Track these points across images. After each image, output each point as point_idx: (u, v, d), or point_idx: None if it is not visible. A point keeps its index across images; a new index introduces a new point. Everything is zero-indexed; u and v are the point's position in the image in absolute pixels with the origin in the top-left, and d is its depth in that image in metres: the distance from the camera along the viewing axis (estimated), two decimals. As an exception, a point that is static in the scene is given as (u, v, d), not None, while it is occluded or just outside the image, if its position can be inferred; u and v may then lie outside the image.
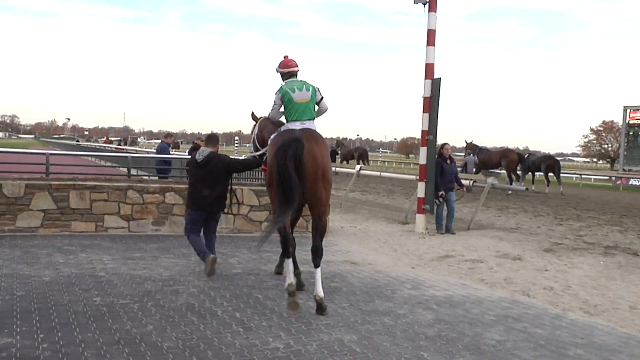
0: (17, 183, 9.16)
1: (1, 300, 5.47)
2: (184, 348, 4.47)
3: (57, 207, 9.25)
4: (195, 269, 7.21)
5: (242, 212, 10.16)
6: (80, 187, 9.38)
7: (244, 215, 10.20)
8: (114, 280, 6.45)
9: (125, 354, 4.27)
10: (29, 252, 7.75)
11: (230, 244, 8.48)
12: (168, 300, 5.76)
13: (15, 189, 9.08)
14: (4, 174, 10.47)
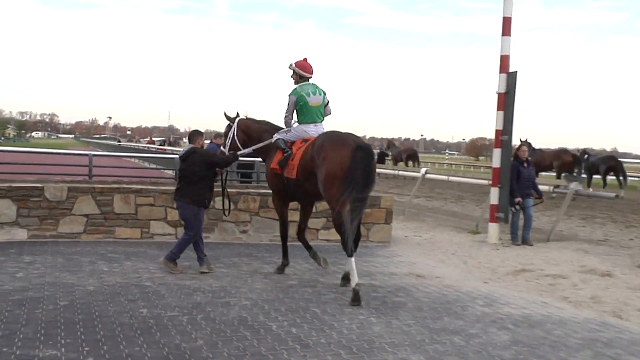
0: (59, 186, 9.54)
1: (45, 310, 5.71)
2: (237, 365, 4.55)
3: (101, 212, 9.58)
4: (248, 280, 7.34)
5: (296, 219, 10.22)
6: (125, 190, 9.68)
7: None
8: (161, 291, 6.63)
9: (176, 369, 4.38)
10: (71, 259, 8.06)
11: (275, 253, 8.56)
12: (219, 313, 5.88)
13: (58, 192, 9.46)
14: (46, 176, 10.94)
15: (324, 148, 7.00)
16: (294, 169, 7.41)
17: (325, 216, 10.34)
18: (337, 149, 6.91)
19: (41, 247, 8.69)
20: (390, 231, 10.99)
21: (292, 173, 7.44)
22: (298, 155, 7.46)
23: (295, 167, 7.40)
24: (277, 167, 7.70)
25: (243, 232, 10.24)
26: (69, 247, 8.83)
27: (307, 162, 7.25)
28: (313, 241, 10.21)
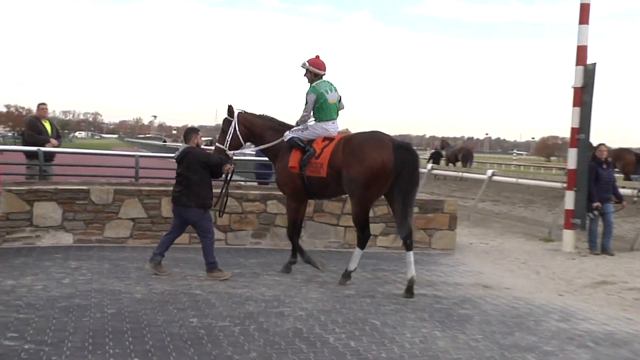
0: (105, 189, 9.80)
1: (92, 318, 5.87)
2: (293, 380, 4.57)
3: (148, 216, 9.78)
4: (302, 289, 7.38)
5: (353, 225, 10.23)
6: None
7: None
8: (211, 300, 6.72)
9: (228, 383, 4.43)
10: (118, 265, 8.26)
11: (340, 261, 8.58)
12: (272, 324, 5.93)
13: (104, 195, 9.71)
14: (91, 178, 11.24)
15: (361, 147, 7.51)
16: (323, 168, 7.71)
17: (384, 221, 10.33)
18: (377, 148, 7.44)
19: (87, 252, 8.94)
20: (454, 238, 10.88)
21: (320, 172, 7.73)
22: (326, 153, 7.76)
23: (325, 166, 7.70)
24: (295, 166, 7.91)
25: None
26: (115, 253, 9.05)
27: (338, 161, 7.62)
28: (371, 248, 10.20)
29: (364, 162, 7.40)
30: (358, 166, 7.42)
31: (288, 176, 8.08)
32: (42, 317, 5.77)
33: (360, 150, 7.51)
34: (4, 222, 9.07)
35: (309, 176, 7.85)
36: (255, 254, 9.43)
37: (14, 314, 5.82)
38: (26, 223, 9.24)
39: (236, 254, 9.37)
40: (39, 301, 6.31)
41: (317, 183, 7.87)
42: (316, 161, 7.81)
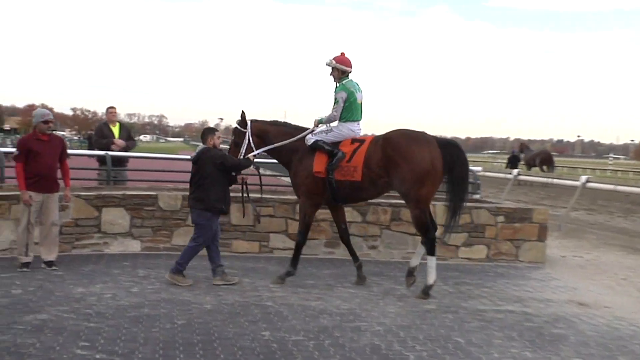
0: (173, 194, 10.05)
1: (162, 328, 6.04)
2: (372, 399, 4.59)
3: (217, 224, 9.96)
4: (379, 302, 7.39)
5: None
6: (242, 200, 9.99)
7: (437, 237, 10.18)
8: (283, 312, 6.81)
9: (304, 401, 4.48)
10: (187, 274, 8.42)
11: (419, 273, 8.51)
12: (348, 339, 5.96)
13: (172, 201, 9.96)
14: (158, 183, 11.54)
15: (405, 146, 7.67)
16: (357, 171, 7.82)
17: (467, 231, 10.23)
18: (423, 145, 7.67)
19: (155, 260, 9.18)
20: (544, 250, 10.66)
21: (354, 175, 7.84)
22: (359, 156, 7.87)
23: (359, 169, 7.81)
24: (322, 171, 7.98)
25: (372, 247, 10.31)
26: (183, 261, 9.25)
27: (375, 163, 7.76)
28: (452, 259, 10.14)
29: (412, 161, 7.57)
30: (406, 165, 7.58)
31: (311, 181, 8.12)
32: (112, 327, 5.99)
33: (406, 148, 7.66)
34: (72, 228, 9.44)
35: (339, 180, 7.93)
36: (329, 265, 9.49)
37: (85, 323, 6.07)
38: (94, 229, 9.58)
39: (308, 264, 9.43)
40: (108, 310, 6.55)
41: (350, 187, 7.94)
42: (348, 165, 7.89)
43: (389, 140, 7.84)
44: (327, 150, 8.02)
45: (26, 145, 8.30)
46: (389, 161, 7.72)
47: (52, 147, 8.41)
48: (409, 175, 7.58)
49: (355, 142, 8.08)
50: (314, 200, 8.22)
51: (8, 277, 7.79)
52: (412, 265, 8.06)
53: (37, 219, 8.33)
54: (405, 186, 7.65)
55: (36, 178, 8.18)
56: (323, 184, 8.04)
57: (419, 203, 7.67)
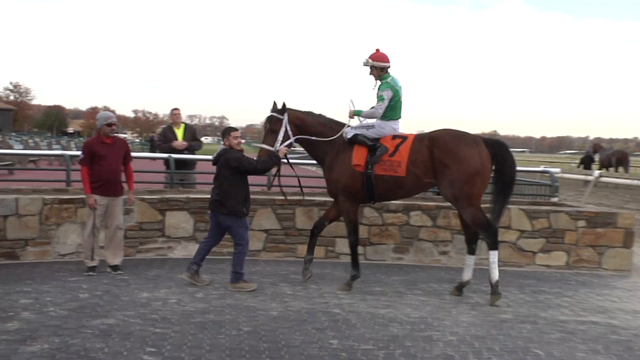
0: (240, 197, 10.20)
1: (228, 335, 6.14)
2: (446, 412, 4.57)
3: (282, 227, 10.10)
4: (452, 311, 7.35)
5: (508, 239, 10.06)
6: (307, 203, 10.10)
7: (512, 243, 10.11)
8: (351, 320, 6.84)
9: (375, 412, 4.50)
10: (251, 279, 8.54)
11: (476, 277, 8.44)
12: (420, 349, 5.95)
13: (236, 204, 10.12)
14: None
15: (454, 145, 7.79)
16: (401, 166, 7.89)
17: (544, 236, 10.10)
18: (471, 144, 7.81)
19: (219, 265, 9.32)
20: (630, 257, 10.42)
21: (397, 170, 7.91)
22: (403, 151, 7.94)
23: (404, 164, 7.88)
24: (361, 164, 8.02)
25: (443, 253, 10.26)
26: (247, 266, 9.31)
27: (421, 161, 7.85)
28: (529, 266, 10.01)
29: (462, 161, 7.70)
30: (456, 166, 7.70)
31: (349, 175, 8.11)
32: (178, 333, 6.13)
33: (455, 149, 7.78)
34: (137, 232, 9.71)
35: (379, 175, 7.96)
36: (398, 271, 9.48)
37: (151, 328, 6.23)
38: (158, 233, 9.83)
39: (376, 270, 9.48)
40: (174, 315, 6.71)
41: (390, 182, 7.99)
42: (391, 159, 7.93)
43: (435, 141, 7.89)
44: (368, 145, 8.05)
45: (91, 149, 8.54)
46: (436, 162, 7.81)
47: (116, 150, 8.65)
48: (459, 176, 7.69)
49: (397, 138, 8.13)
50: (354, 198, 8.22)
51: (75, 280, 8.08)
52: (464, 279, 8.19)
53: (102, 222, 8.58)
54: (456, 187, 7.73)
55: (101, 182, 8.42)
56: (361, 178, 8.06)
57: (472, 200, 7.77)
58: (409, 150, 7.92)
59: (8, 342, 5.68)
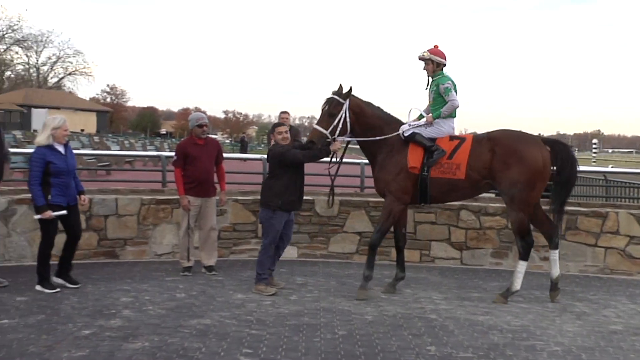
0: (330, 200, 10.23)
1: (323, 339, 6.17)
2: None
3: (375, 230, 10.05)
4: (555, 319, 7.16)
5: (616, 245, 9.73)
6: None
7: (620, 249, 9.78)
8: (449, 326, 6.76)
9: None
10: (345, 283, 8.61)
11: (601, 289, 8.22)
12: (522, 358, 5.82)
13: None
14: (315, 187, 11.80)
15: (517, 146, 7.74)
16: (460, 170, 7.77)
17: None
18: (533, 146, 7.80)
19: (312, 267, 9.42)
20: None
21: (456, 173, 7.78)
22: (462, 154, 7.82)
23: (463, 167, 7.76)
24: (417, 167, 7.84)
25: (545, 259, 9.98)
26: (341, 269, 9.45)
27: (481, 163, 7.75)
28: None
29: (524, 162, 7.65)
30: (518, 167, 7.64)
31: (403, 177, 7.90)
32: (274, 335, 6.20)
33: (518, 149, 7.73)
34: (230, 233, 9.91)
35: (435, 178, 7.81)
36: (496, 276, 9.32)
37: (247, 329, 6.33)
38: (252, 234, 9.98)
39: (473, 275, 9.37)
40: (268, 317, 6.80)
41: (447, 185, 7.86)
42: (449, 162, 7.79)
43: (497, 141, 7.81)
44: (425, 146, 7.88)
45: (184, 150, 8.74)
46: (497, 163, 7.71)
47: (208, 150, 8.81)
48: (521, 177, 7.64)
49: (454, 140, 7.98)
50: (403, 200, 8.01)
51: (172, 281, 8.31)
52: (553, 276, 8.10)
53: (196, 223, 8.76)
54: (517, 188, 7.66)
55: (194, 183, 8.61)
56: (415, 181, 7.89)
57: (524, 205, 7.75)
58: (469, 153, 7.81)
59: (112, 339, 5.92)
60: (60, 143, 7.59)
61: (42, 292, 7.59)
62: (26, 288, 7.71)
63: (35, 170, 7.40)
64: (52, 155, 7.47)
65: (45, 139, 7.51)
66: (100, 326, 6.32)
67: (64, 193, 7.57)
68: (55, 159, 7.46)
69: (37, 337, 5.94)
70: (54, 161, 7.44)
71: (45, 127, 7.62)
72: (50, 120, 7.69)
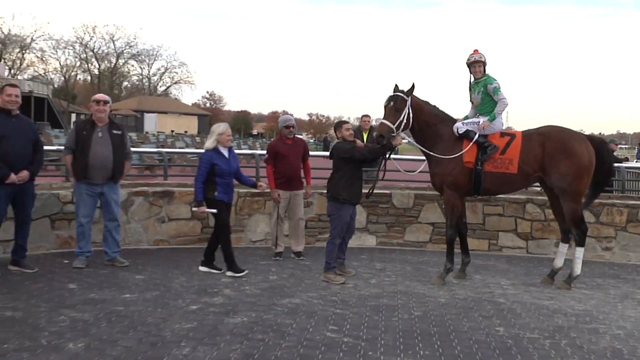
0: (406, 193, 10.23)
1: (401, 319, 6.16)
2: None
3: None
4: (617, 305, 6.96)
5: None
6: (471, 199, 9.88)
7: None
8: (516, 309, 6.65)
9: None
10: (419, 268, 8.57)
11: None
12: (586, 341, 5.68)
13: (404, 199, 10.15)
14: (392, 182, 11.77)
15: (567, 142, 7.65)
16: (512, 164, 7.65)
17: None
18: (581, 143, 7.71)
19: (389, 254, 9.41)
20: None
21: (509, 168, 7.66)
22: (514, 149, 7.69)
23: (515, 162, 7.64)
24: (472, 162, 7.69)
25: (606, 249, 9.75)
26: (415, 256, 9.41)
27: (532, 158, 7.64)
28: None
29: (573, 158, 7.58)
30: (568, 162, 7.57)
31: (459, 171, 7.72)
32: (356, 314, 6.23)
33: (567, 145, 7.65)
34: (316, 222, 9.99)
35: (488, 172, 7.65)
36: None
37: (332, 309, 6.38)
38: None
39: (539, 264, 9.18)
40: (351, 298, 6.83)
41: (500, 179, 7.73)
42: (502, 157, 7.65)
43: (547, 137, 7.69)
44: (479, 142, 7.70)
45: (274, 149, 8.85)
46: (547, 157, 7.59)
47: (296, 149, 8.89)
48: (570, 170, 7.56)
49: (505, 136, 7.82)
50: (460, 192, 7.87)
51: (265, 264, 8.43)
52: (556, 266, 8.06)
53: (285, 214, 8.86)
54: (567, 181, 7.59)
55: (283, 178, 8.70)
56: (470, 174, 7.73)
57: (576, 196, 7.68)
58: (520, 148, 7.67)
59: (215, 314, 6.07)
60: (224, 147, 7.81)
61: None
62: (143, 268, 7.98)
63: (201, 169, 7.67)
64: (217, 158, 7.69)
65: (211, 144, 7.78)
66: (205, 302, 6.47)
67: (226, 192, 7.79)
68: (219, 161, 7.68)
69: (153, 310, 6.14)
70: (218, 163, 7.65)
71: (212, 133, 7.89)
72: (215, 127, 7.98)
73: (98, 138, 7.83)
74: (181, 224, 9.67)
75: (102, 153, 7.81)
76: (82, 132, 7.88)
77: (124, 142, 8.18)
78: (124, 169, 8.16)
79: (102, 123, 7.92)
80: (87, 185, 7.85)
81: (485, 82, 7.94)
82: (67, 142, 8.11)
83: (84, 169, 7.79)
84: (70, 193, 8.79)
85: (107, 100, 8.12)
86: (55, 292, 6.67)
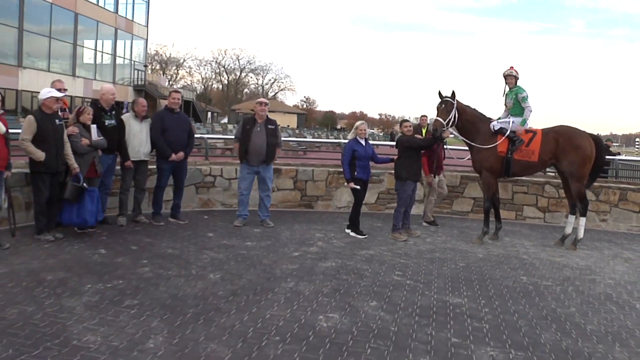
0: (454, 175, 10.43)
1: (449, 268, 6.43)
2: (606, 333, 4.56)
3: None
4: (610, 262, 7.10)
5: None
6: (503, 180, 9.98)
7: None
8: (535, 264, 6.85)
9: (553, 329, 4.59)
10: (463, 232, 8.77)
11: None
12: (587, 288, 5.87)
13: (454, 179, 10.35)
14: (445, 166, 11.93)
15: (575, 138, 7.73)
16: (534, 154, 7.78)
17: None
18: (585, 139, 7.77)
19: (441, 220, 9.58)
20: None
21: (531, 157, 7.79)
22: (536, 143, 7.80)
23: (537, 152, 7.78)
24: (504, 151, 7.82)
25: (603, 220, 9.75)
26: (460, 223, 9.61)
27: (549, 149, 7.76)
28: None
29: (579, 149, 7.67)
30: (575, 152, 7.67)
31: (494, 158, 7.87)
32: (416, 264, 6.53)
33: (575, 140, 7.72)
34: (385, 195, 10.32)
35: (516, 159, 7.80)
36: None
37: (397, 259, 6.72)
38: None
39: (553, 230, 9.28)
40: (412, 252, 7.15)
41: (524, 165, 7.87)
42: (526, 148, 7.79)
43: (559, 134, 7.82)
44: (509, 136, 7.85)
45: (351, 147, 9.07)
46: (560, 149, 7.71)
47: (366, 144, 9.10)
48: (576, 158, 7.67)
49: (529, 132, 7.92)
50: (494, 174, 8.02)
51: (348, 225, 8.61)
52: (566, 232, 8.11)
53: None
54: (574, 167, 7.70)
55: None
56: (502, 161, 7.87)
57: (580, 178, 7.76)
58: (540, 142, 7.81)
59: (312, 260, 6.41)
60: (361, 138, 7.93)
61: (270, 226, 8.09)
62: (256, 224, 8.22)
63: (346, 155, 7.84)
64: (356, 146, 7.83)
65: (352, 135, 8.00)
66: (304, 251, 6.78)
67: (363, 172, 7.91)
68: (358, 148, 7.82)
69: (267, 255, 6.46)
70: (357, 149, 7.81)
71: (354, 128, 8.04)
72: (357, 124, 8.11)
73: (257, 132, 8.10)
74: (286, 193, 10.10)
75: (258, 143, 8.06)
76: (246, 126, 8.19)
77: (276, 134, 8.36)
78: (274, 155, 8.36)
79: (261, 120, 8.19)
80: (247, 166, 8.23)
81: (516, 91, 8.07)
82: (236, 133, 8.40)
83: (244, 153, 8.14)
84: (209, 168, 9.43)
85: (267, 102, 8.52)
86: (199, 238, 7.15)
